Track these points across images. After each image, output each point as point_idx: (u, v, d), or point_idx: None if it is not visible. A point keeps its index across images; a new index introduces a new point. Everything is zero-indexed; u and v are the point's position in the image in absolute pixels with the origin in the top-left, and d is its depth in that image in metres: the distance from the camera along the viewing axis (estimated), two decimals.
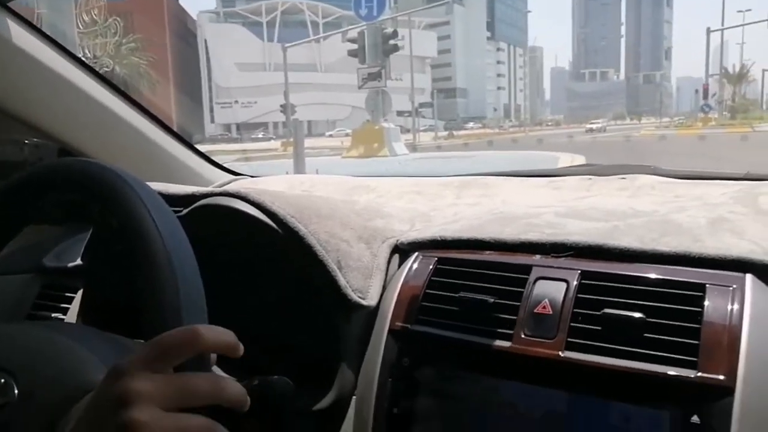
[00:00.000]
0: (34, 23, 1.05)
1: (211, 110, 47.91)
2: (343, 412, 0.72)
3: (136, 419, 0.39)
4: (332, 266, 0.71)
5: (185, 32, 44.46)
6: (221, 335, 0.45)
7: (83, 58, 1.16)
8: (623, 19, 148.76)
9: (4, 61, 1.02)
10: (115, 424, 0.39)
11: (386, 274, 0.76)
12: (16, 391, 0.55)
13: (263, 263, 0.82)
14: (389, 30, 17.16)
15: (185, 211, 0.78)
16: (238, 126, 48.61)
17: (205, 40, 47.39)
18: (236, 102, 49.43)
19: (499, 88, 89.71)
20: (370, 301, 0.72)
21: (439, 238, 0.76)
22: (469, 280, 0.69)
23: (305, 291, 0.77)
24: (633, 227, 0.72)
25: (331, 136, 37.28)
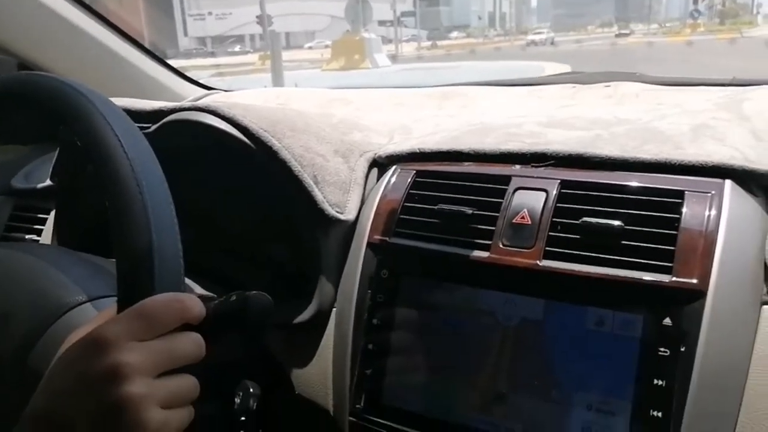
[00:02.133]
0: None
1: (184, 23, 45.84)
2: (323, 324, 0.72)
3: (134, 393, 0.38)
4: (308, 181, 0.69)
5: None
6: (199, 307, 0.44)
7: None
8: None
9: None
10: (110, 398, 0.38)
11: (364, 189, 0.75)
12: None
13: (237, 179, 0.80)
14: None
15: (153, 127, 0.75)
16: (213, 39, 46.76)
17: None
18: (210, 14, 47.27)
19: None
20: (348, 215, 0.71)
21: (417, 151, 0.75)
22: (447, 192, 0.68)
23: (282, 206, 0.76)
24: (615, 136, 0.71)
25: (310, 48, 36.13)
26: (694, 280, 0.54)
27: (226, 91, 1.37)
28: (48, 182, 0.95)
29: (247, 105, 0.76)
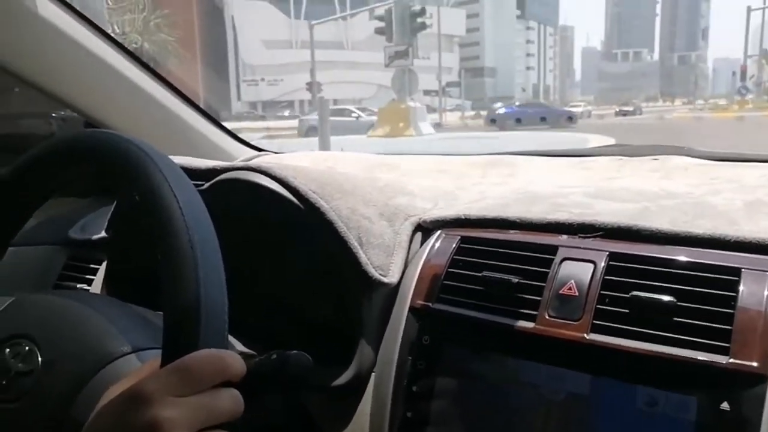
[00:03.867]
0: None
1: (238, 87, 48.08)
2: (361, 389, 0.71)
3: None
4: (353, 243, 0.70)
5: (212, 8, 44.48)
6: (240, 364, 0.45)
7: (111, 34, 1.16)
8: None
9: (33, 34, 1.03)
10: None
11: (408, 252, 0.75)
12: (40, 359, 0.56)
13: (284, 238, 0.81)
14: (417, 8, 16.94)
15: (207, 185, 0.78)
16: (264, 104, 48.77)
17: (233, 17, 47.40)
18: (262, 80, 49.55)
19: (528, 68, 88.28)
20: (391, 278, 0.71)
21: (462, 217, 0.75)
22: (492, 259, 0.68)
23: (326, 266, 0.76)
24: (665, 209, 0.70)
25: None
26: (754, 363, 0.51)
27: (275, 152, 1.41)
28: (103, 234, 0.98)
29: (297, 167, 0.79)
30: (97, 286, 0.96)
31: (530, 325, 0.61)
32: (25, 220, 0.68)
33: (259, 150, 1.41)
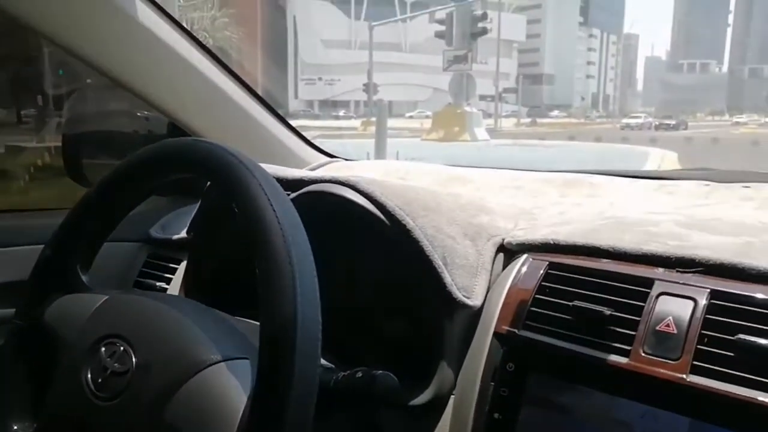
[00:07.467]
0: None
1: (296, 86, 48.83)
2: (439, 410, 0.70)
3: None
4: (438, 263, 0.69)
5: (275, 7, 45.35)
6: None
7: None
8: (732, 6, 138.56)
9: (127, 37, 1.06)
10: None
11: (491, 274, 0.74)
12: (134, 361, 0.58)
13: (366, 253, 0.81)
14: (479, 12, 16.79)
15: (293, 195, 0.78)
16: (320, 103, 49.40)
17: (294, 16, 48.19)
18: (320, 79, 50.18)
19: (588, 76, 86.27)
20: (475, 301, 0.70)
21: (551, 242, 0.73)
22: (583, 288, 0.66)
23: (405, 284, 0.76)
24: None
25: (411, 117, 37.25)
26: None
27: (347, 160, 1.42)
28: (183, 234, 1.01)
29: (384, 182, 0.78)
30: (175, 286, 0.99)
31: (623, 360, 0.59)
32: (122, 218, 0.70)
33: (331, 156, 1.42)
